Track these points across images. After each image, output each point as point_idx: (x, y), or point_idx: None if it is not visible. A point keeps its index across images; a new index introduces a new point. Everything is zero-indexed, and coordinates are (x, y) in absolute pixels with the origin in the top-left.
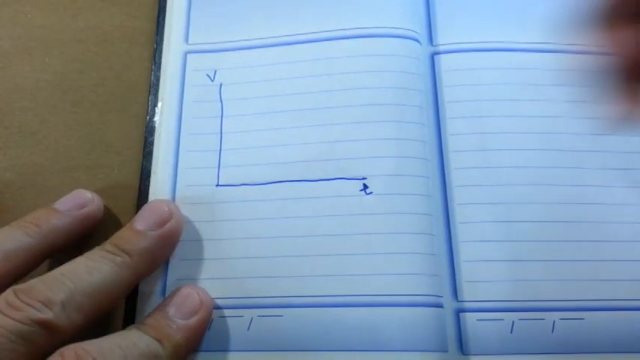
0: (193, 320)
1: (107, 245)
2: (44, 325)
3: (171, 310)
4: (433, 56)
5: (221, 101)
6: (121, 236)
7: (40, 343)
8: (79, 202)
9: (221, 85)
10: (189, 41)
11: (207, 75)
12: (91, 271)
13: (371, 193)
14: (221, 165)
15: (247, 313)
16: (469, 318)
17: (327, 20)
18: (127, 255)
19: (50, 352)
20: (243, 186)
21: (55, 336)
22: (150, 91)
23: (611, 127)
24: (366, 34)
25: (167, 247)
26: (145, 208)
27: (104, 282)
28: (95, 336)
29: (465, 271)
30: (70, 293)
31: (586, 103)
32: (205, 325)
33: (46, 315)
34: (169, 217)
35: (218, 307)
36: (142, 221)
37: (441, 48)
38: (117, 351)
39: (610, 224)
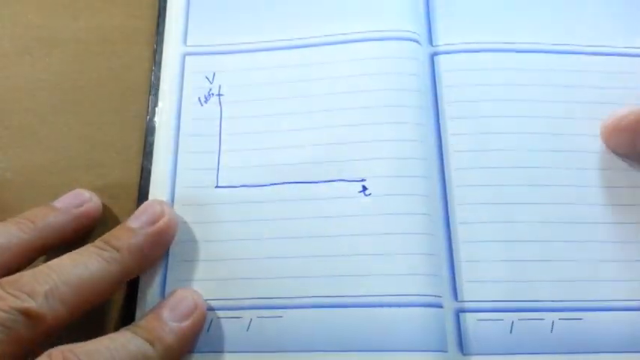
0: (187, 323)
1: (97, 242)
2: (27, 313)
3: (165, 313)
4: (433, 57)
5: (220, 103)
6: (112, 234)
7: (23, 332)
8: (76, 200)
9: (220, 87)
10: (188, 43)
11: (206, 77)
12: (78, 264)
13: (370, 194)
14: (220, 166)
15: (246, 314)
16: (469, 318)
17: (327, 24)
18: (116, 251)
19: (35, 343)
20: (242, 187)
21: (38, 326)
22: (150, 91)
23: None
24: (365, 37)
25: (158, 246)
26: (139, 209)
27: (90, 275)
28: (91, 338)
29: (465, 271)
30: (55, 284)
31: (586, 103)
32: (199, 328)
33: (29, 304)
34: (162, 216)
35: (217, 308)
36: (134, 220)
37: (441, 48)
38: (105, 353)
39: (609, 225)
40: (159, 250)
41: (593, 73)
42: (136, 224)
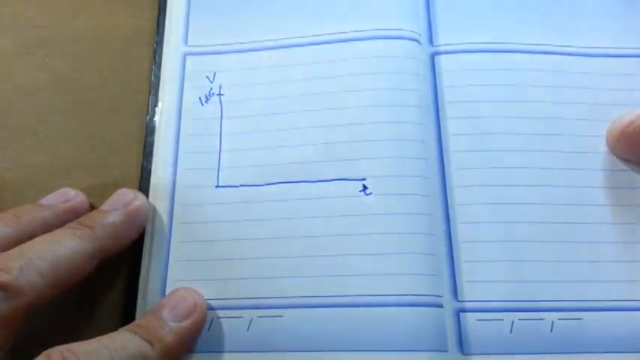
0: (186, 323)
1: (70, 223)
2: (3, 287)
3: (165, 312)
4: (433, 56)
5: (220, 103)
6: (85, 216)
7: (0, 307)
8: (62, 198)
9: (220, 87)
10: (188, 43)
11: (207, 76)
12: (51, 241)
13: (370, 193)
14: (220, 166)
15: (247, 314)
16: (469, 318)
17: (327, 23)
18: (89, 229)
19: (16, 319)
20: (242, 187)
21: (15, 299)
22: (150, 91)
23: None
24: (365, 36)
25: (131, 226)
26: (111, 197)
27: (64, 250)
28: (91, 337)
29: (465, 271)
30: (29, 259)
31: (586, 104)
32: (198, 327)
33: (3, 278)
34: (134, 200)
35: (218, 308)
36: (107, 205)
37: (441, 48)
38: (104, 352)
39: (608, 225)
40: (132, 230)
41: (593, 75)
42: (109, 207)
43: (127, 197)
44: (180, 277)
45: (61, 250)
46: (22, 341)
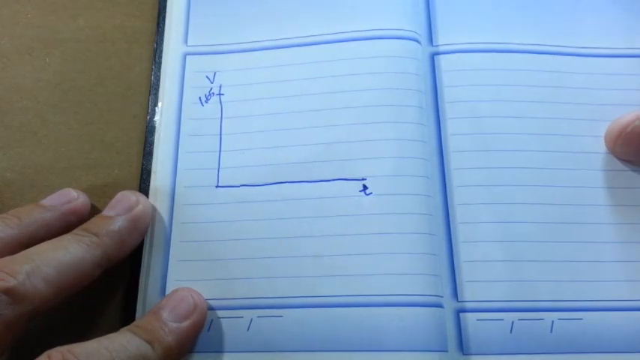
0: (186, 323)
1: (76, 230)
2: (8, 292)
3: (165, 313)
4: (433, 56)
5: (220, 103)
6: (90, 222)
7: (6, 312)
8: (63, 199)
9: (220, 87)
10: (189, 43)
11: (207, 76)
12: (57, 247)
13: (371, 193)
14: (221, 166)
15: (247, 314)
16: (469, 318)
17: (327, 23)
18: (95, 236)
19: (20, 324)
20: (243, 187)
21: (20, 304)
22: (150, 91)
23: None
24: (365, 36)
25: (135, 231)
26: (114, 199)
27: (71, 257)
28: (91, 338)
29: (465, 271)
30: (35, 265)
31: (586, 104)
32: (198, 328)
33: (10, 283)
34: (137, 204)
35: (218, 308)
36: (110, 209)
37: (441, 48)
38: (105, 353)
39: (608, 225)
40: (136, 235)
41: (593, 75)
42: (113, 213)
43: (130, 201)
44: (180, 277)
45: (67, 256)
46: (23, 342)
